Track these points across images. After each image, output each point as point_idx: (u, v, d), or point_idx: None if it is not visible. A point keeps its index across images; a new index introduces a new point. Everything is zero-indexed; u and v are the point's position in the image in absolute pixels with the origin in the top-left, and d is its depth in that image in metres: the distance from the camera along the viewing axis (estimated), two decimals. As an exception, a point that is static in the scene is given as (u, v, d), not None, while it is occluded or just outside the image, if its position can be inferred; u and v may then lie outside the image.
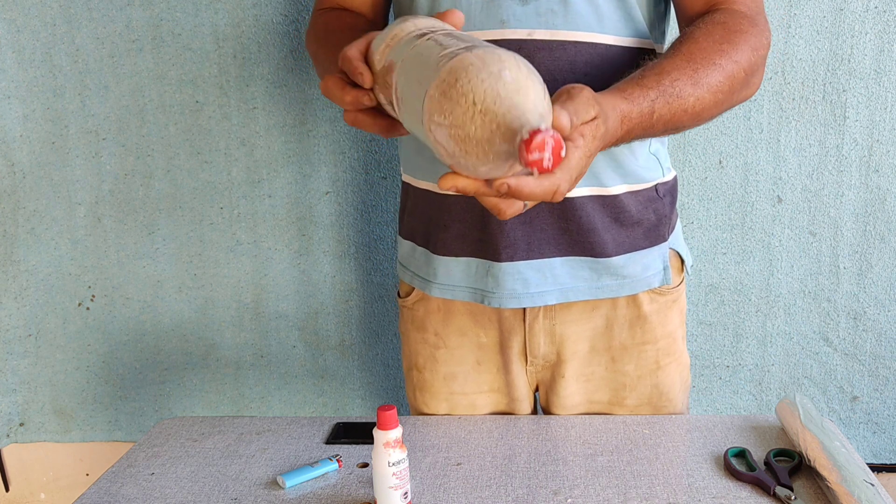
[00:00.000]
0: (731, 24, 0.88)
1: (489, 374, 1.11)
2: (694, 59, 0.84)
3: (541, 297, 1.02)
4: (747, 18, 0.90)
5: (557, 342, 1.07)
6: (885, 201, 1.44)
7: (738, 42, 0.87)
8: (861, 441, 1.55)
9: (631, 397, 1.09)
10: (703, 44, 0.86)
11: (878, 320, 1.49)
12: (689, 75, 0.83)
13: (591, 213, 0.99)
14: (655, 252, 1.04)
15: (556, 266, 1.01)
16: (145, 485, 0.95)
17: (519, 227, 0.98)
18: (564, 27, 0.91)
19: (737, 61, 0.86)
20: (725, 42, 0.87)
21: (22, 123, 1.49)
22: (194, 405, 1.63)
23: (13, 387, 1.62)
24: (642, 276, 1.04)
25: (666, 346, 1.08)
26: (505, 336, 1.08)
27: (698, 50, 0.85)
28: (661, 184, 1.04)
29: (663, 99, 0.81)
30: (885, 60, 1.38)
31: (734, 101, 0.90)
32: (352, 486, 0.92)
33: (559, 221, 0.99)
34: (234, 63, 1.45)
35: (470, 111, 0.61)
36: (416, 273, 1.09)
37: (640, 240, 1.03)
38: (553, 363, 1.09)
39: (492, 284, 1.02)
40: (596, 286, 1.02)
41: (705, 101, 0.85)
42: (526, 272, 1.00)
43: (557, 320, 1.06)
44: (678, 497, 0.87)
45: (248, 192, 1.51)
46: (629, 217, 1.01)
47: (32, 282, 1.57)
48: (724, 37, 0.87)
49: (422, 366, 1.13)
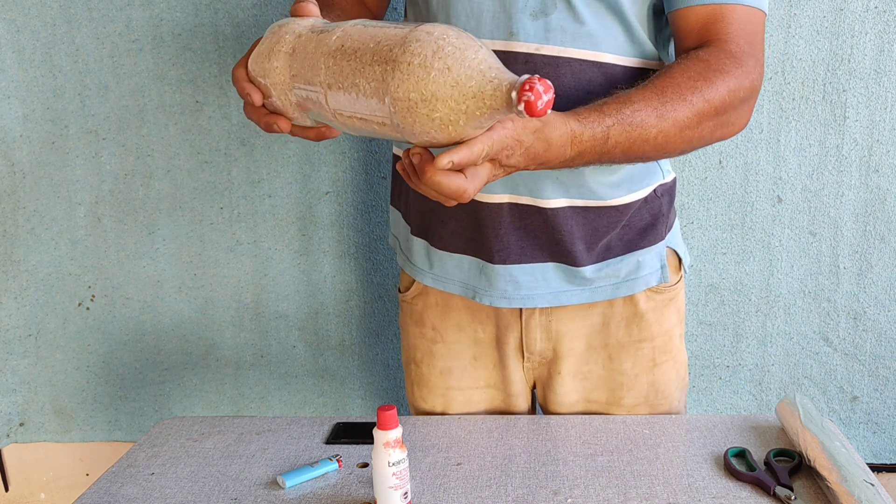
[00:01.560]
0: (713, 62, 0.87)
1: (485, 370, 1.11)
2: (664, 92, 0.84)
3: (531, 300, 1.03)
4: (733, 59, 0.88)
5: (554, 339, 1.07)
6: (885, 201, 1.44)
7: (714, 81, 0.86)
8: (861, 441, 1.55)
9: (628, 396, 1.09)
10: (677, 79, 0.86)
11: (878, 320, 1.49)
12: (655, 108, 0.83)
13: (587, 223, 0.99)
14: (653, 251, 1.04)
15: (548, 271, 1.02)
16: (145, 485, 0.95)
17: (512, 233, 0.99)
18: (573, 45, 0.91)
19: (708, 100, 0.86)
20: (700, 80, 0.86)
21: (22, 123, 1.49)
22: (194, 405, 1.63)
23: (13, 387, 1.62)
24: (639, 275, 1.04)
25: (662, 343, 1.09)
26: (501, 332, 1.08)
27: (671, 84, 0.85)
28: (661, 185, 1.04)
29: (620, 126, 0.82)
30: (885, 60, 1.38)
31: (708, 139, 0.89)
32: (352, 486, 0.92)
33: (553, 231, 0.99)
34: (233, 63, 1.45)
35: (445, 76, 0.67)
36: (411, 261, 1.11)
37: (638, 240, 1.03)
38: (550, 360, 1.09)
39: (484, 283, 1.03)
40: (591, 289, 1.03)
41: (669, 135, 0.85)
42: (518, 275, 1.01)
43: (554, 317, 1.06)
44: (678, 497, 0.87)
45: (248, 192, 1.51)
46: (628, 222, 1.02)
47: (32, 282, 1.57)
48: (701, 74, 0.86)
49: (419, 360, 1.14)
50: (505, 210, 0.98)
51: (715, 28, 0.90)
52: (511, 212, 0.98)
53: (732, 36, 0.89)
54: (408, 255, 1.11)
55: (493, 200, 0.98)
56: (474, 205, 0.99)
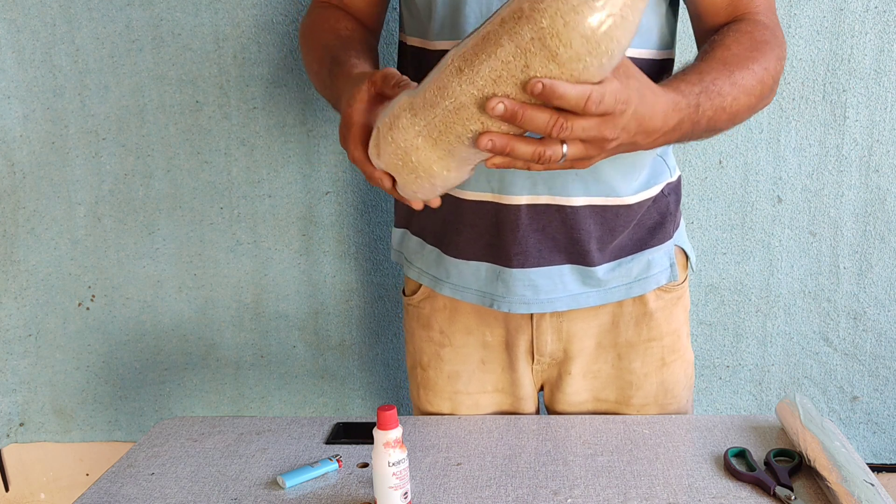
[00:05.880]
0: (756, 34, 0.91)
1: (493, 374, 1.11)
2: (728, 63, 0.86)
3: (550, 304, 1.02)
4: (769, 30, 0.92)
5: (565, 339, 1.07)
6: (885, 201, 1.44)
7: (764, 51, 0.90)
8: (861, 441, 1.55)
9: (637, 396, 1.09)
10: (734, 50, 0.88)
11: (878, 320, 1.49)
12: (727, 76, 0.85)
13: (604, 222, 0.99)
14: (662, 250, 1.05)
15: (565, 273, 1.01)
16: (145, 485, 0.95)
17: (531, 234, 0.99)
18: None
19: (766, 68, 0.89)
20: (754, 50, 0.89)
21: (22, 123, 1.49)
22: (194, 405, 1.63)
23: (13, 387, 1.62)
24: (649, 274, 1.04)
25: (671, 342, 1.09)
26: (511, 335, 1.08)
27: (731, 55, 0.87)
28: (668, 183, 1.05)
29: (706, 95, 0.83)
30: (885, 60, 1.38)
31: (759, 107, 0.92)
32: (352, 486, 0.92)
33: (570, 231, 0.99)
34: (234, 63, 1.45)
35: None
36: (425, 271, 1.09)
37: (648, 239, 1.03)
38: (560, 360, 1.09)
39: (502, 289, 1.02)
40: (606, 289, 1.03)
41: (740, 103, 0.87)
42: (536, 279, 1.00)
43: (565, 318, 1.06)
44: (678, 497, 0.87)
45: (248, 192, 1.51)
46: (638, 221, 1.02)
47: (32, 282, 1.57)
48: (753, 45, 0.89)
49: (426, 364, 1.13)
50: (524, 211, 0.97)
51: (743, 3, 0.94)
52: (530, 213, 0.98)
53: (761, 9, 0.94)
54: (422, 268, 1.10)
55: (513, 202, 0.97)
56: (493, 207, 0.98)
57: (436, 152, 0.73)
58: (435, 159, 0.74)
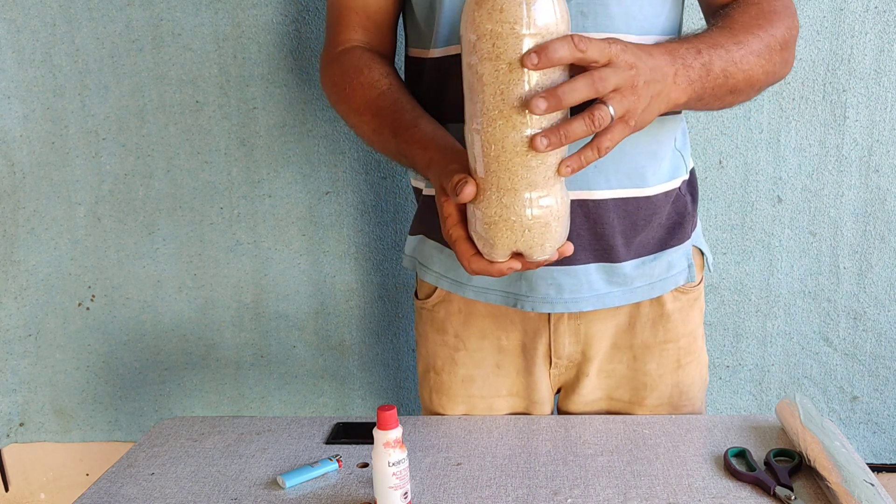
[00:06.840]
0: (764, 4, 0.92)
1: (508, 378, 1.10)
2: (733, 30, 0.88)
3: (575, 304, 1.01)
4: (780, 1, 0.93)
5: (583, 341, 1.06)
6: (885, 201, 1.44)
7: (772, 19, 0.90)
8: (861, 441, 1.55)
9: (651, 397, 1.09)
10: (739, 20, 0.89)
11: (878, 320, 1.49)
12: (729, 36, 0.86)
13: (626, 216, 0.98)
14: (681, 250, 1.05)
15: (591, 272, 1.00)
16: (145, 485, 0.95)
17: None
18: (594, 29, 0.91)
19: (773, 35, 0.89)
20: (761, 18, 0.90)
21: (22, 123, 1.49)
22: (194, 405, 1.63)
23: (13, 387, 1.62)
24: (669, 274, 1.04)
25: (687, 344, 1.08)
26: (529, 338, 1.07)
27: (735, 24, 0.89)
28: (685, 181, 1.04)
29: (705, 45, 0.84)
30: (885, 60, 1.38)
31: (778, 73, 0.92)
32: (352, 486, 0.92)
33: (595, 226, 0.98)
34: (234, 63, 1.45)
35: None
36: (444, 274, 1.07)
37: (668, 239, 1.03)
38: (578, 363, 1.08)
39: (525, 289, 1.01)
40: (631, 289, 1.02)
41: (750, 63, 0.87)
42: (560, 278, 0.99)
43: (583, 320, 1.05)
44: (678, 497, 0.87)
45: (248, 192, 1.51)
46: (659, 217, 1.01)
47: (32, 282, 1.57)
48: (760, 15, 0.90)
49: (440, 368, 1.12)
50: None
51: None
52: None
53: None
54: (440, 272, 1.08)
55: None
56: None
57: (519, 197, 0.76)
58: (528, 204, 0.76)
